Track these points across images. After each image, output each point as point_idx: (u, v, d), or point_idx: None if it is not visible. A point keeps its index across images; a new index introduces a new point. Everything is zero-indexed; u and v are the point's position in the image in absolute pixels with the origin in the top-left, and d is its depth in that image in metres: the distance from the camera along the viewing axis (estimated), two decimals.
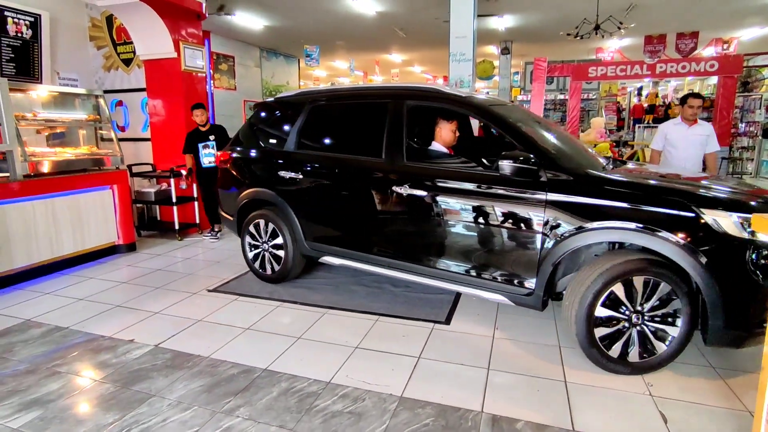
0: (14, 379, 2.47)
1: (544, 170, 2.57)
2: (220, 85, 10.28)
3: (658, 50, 9.42)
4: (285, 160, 3.63)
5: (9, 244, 3.83)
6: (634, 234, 2.34)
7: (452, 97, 3.08)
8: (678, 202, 2.30)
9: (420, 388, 2.34)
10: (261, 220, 3.77)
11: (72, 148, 4.97)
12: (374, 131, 3.23)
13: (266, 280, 3.90)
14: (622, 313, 2.41)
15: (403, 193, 2.99)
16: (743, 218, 2.20)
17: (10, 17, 5.39)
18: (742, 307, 2.21)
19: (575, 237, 2.46)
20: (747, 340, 2.26)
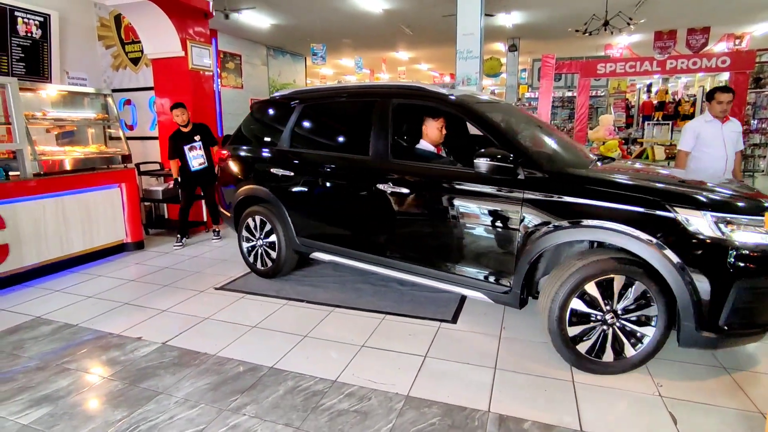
0: (25, 376, 2.49)
1: (522, 168, 2.57)
2: (227, 83, 10.32)
3: (668, 46, 9.30)
4: (278, 157, 3.71)
5: (20, 242, 3.88)
6: (606, 232, 2.32)
7: (434, 95, 3.07)
8: (652, 201, 2.26)
9: (426, 387, 2.33)
10: (256, 216, 3.86)
11: (81, 147, 5.02)
12: (361, 129, 3.30)
13: (260, 275, 4.00)
14: (595, 313, 2.39)
15: (387, 190, 3.03)
16: (718, 218, 2.16)
17: (20, 17, 5.45)
18: (714, 309, 2.16)
19: (550, 235, 2.46)
20: (720, 342, 2.22)
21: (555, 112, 11.62)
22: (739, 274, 2.12)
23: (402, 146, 3.28)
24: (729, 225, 2.15)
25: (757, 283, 2.15)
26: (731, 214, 2.17)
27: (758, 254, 2.14)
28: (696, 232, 2.15)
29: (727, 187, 2.59)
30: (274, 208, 3.72)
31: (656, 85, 14.63)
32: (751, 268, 2.13)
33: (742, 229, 2.15)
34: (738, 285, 2.12)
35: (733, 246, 2.13)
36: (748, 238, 2.14)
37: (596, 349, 2.41)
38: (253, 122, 4.17)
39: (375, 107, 3.22)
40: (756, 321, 2.23)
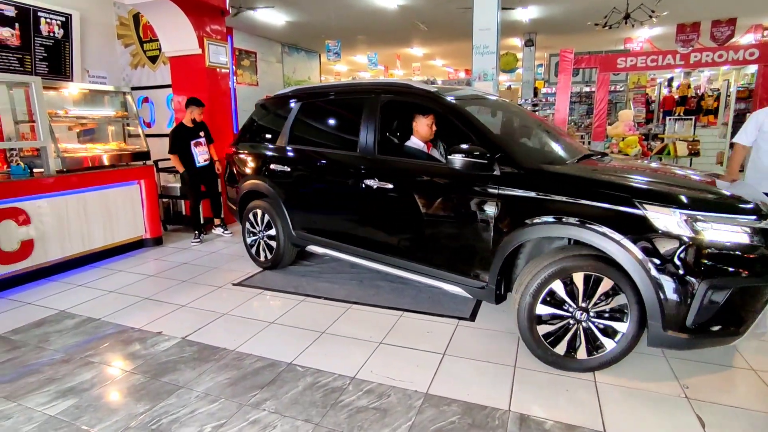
0: (51, 368, 2.55)
1: (498, 164, 2.57)
2: (242, 80, 10.41)
3: (691, 39, 9.05)
4: (277, 154, 3.87)
5: (44, 237, 3.97)
6: (575, 229, 2.29)
7: (419, 92, 3.13)
8: (621, 198, 2.22)
9: (445, 385, 2.31)
10: (257, 210, 4.04)
11: (101, 144, 5.10)
12: (351, 126, 3.39)
13: (261, 266, 4.18)
14: (565, 310, 2.37)
15: (373, 186, 3.10)
16: (688, 215, 2.10)
17: (43, 17, 5.56)
18: (681, 309, 2.10)
19: (521, 231, 2.47)
20: (688, 343, 2.16)
21: (573, 108, 11.41)
22: (707, 274, 2.06)
23: (390, 143, 3.33)
24: (699, 223, 2.09)
25: (727, 283, 2.09)
26: (701, 212, 2.11)
27: (728, 253, 2.08)
28: (664, 230, 2.10)
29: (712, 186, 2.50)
30: (274, 202, 3.88)
31: (678, 80, 14.28)
32: (721, 268, 2.08)
33: (712, 228, 2.09)
34: (706, 284, 2.06)
35: (703, 244, 2.07)
36: (718, 236, 2.08)
37: (565, 346, 2.39)
38: (256, 120, 4.31)
39: (364, 105, 3.30)
40: (727, 322, 2.15)
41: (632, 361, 2.53)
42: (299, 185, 3.71)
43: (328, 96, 3.75)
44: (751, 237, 2.10)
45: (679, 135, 7.59)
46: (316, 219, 3.68)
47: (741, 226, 2.11)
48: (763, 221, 2.14)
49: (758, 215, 2.15)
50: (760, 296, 2.17)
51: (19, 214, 3.77)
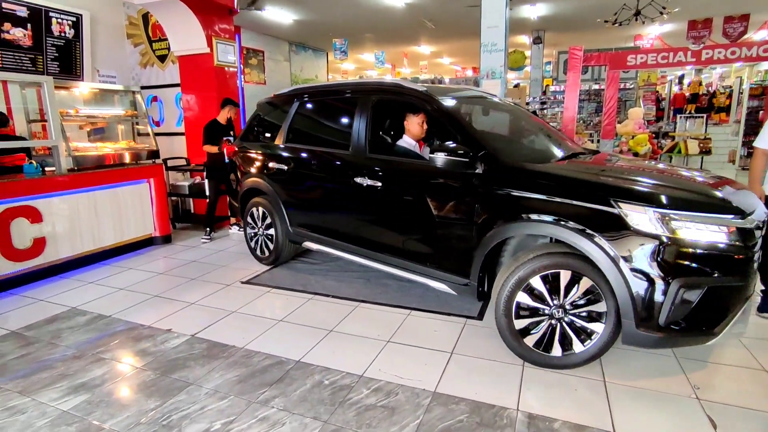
0: (63, 364, 2.59)
1: (481, 163, 2.59)
2: (250, 79, 10.45)
3: (702, 36, 8.93)
4: (275, 152, 3.97)
5: (55, 235, 4.02)
6: (552, 227, 2.31)
7: (408, 91, 3.16)
8: (597, 196, 2.23)
9: (453, 384, 2.31)
10: (257, 207, 4.15)
11: (111, 143, 5.15)
12: (345, 125, 3.45)
13: (261, 262, 4.29)
14: (542, 307, 2.38)
15: (363, 184, 3.16)
16: (661, 214, 2.08)
17: (55, 18, 5.62)
18: (654, 307, 2.09)
19: (501, 229, 2.50)
20: (661, 342, 2.15)
21: (581, 106, 11.31)
22: (680, 272, 2.05)
23: (381, 141, 3.37)
24: (672, 221, 2.08)
25: (700, 282, 2.07)
26: (676, 211, 2.10)
27: (702, 252, 2.07)
28: (638, 229, 2.10)
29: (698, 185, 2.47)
30: (272, 199, 3.98)
31: (689, 77, 14.10)
32: (694, 267, 2.07)
33: (687, 227, 2.08)
34: (678, 283, 2.05)
35: (676, 243, 2.06)
36: (693, 235, 2.07)
37: (543, 342, 2.40)
38: (257, 119, 4.39)
39: (356, 104, 3.35)
40: (701, 321, 2.13)
41: (642, 360, 2.51)
42: (295, 183, 3.79)
43: (323, 96, 3.86)
44: (729, 236, 2.10)
45: (690, 133, 7.51)
46: (311, 216, 3.76)
47: (718, 225, 2.10)
48: (742, 220, 2.13)
49: (737, 214, 2.13)
50: (737, 296, 2.15)
51: (31, 212, 3.83)
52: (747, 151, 7.45)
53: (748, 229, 2.14)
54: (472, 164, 2.60)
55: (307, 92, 3.95)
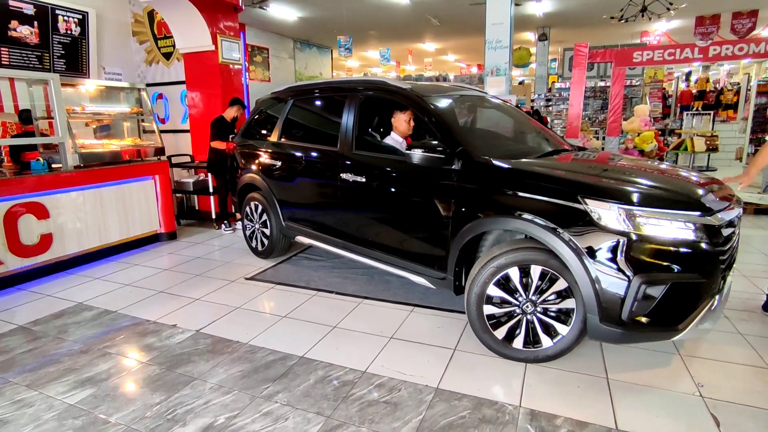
0: (70, 358, 2.62)
1: (458, 159, 2.63)
2: (254, 76, 10.47)
3: (710, 32, 8.85)
4: (270, 149, 4.07)
5: (62, 231, 4.06)
6: (521, 222, 2.34)
7: (391, 88, 3.21)
8: (563, 191, 2.26)
9: (456, 380, 2.31)
10: (253, 202, 4.28)
11: (117, 140, 5.19)
12: (334, 122, 3.51)
13: (257, 255, 4.42)
14: (512, 302, 2.42)
15: (349, 179, 3.24)
16: (627, 210, 2.10)
17: (61, 15, 5.65)
18: (616, 303, 2.11)
19: (474, 224, 2.54)
20: (624, 337, 2.16)
21: (587, 103, 11.25)
22: (642, 268, 2.06)
23: (367, 138, 3.41)
24: (637, 218, 2.09)
25: (663, 278, 2.07)
26: (640, 207, 2.11)
27: (665, 248, 2.08)
28: (603, 224, 2.12)
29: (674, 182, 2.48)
30: (267, 194, 4.08)
31: (696, 74, 13.98)
32: (657, 263, 2.07)
33: (651, 223, 2.09)
34: (640, 279, 2.06)
35: (639, 239, 2.08)
36: (657, 231, 2.09)
37: (513, 336, 2.44)
38: (255, 116, 4.48)
39: (344, 102, 3.42)
40: (662, 317, 2.13)
41: (645, 358, 2.51)
42: (287, 179, 3.89)
43: (315, 94, 3.94)
44: (694, 233, 2.10)
45: (696, 130, 7.44)
46: (302, 211, 3.86)
47: (683, 221, 2.10)
48: (708, 217, 2.14)
49: (703, 211, 2.14)
50: (701, 292, 2.15)
51: (38, 208, 3.87)
52: (754, 148, 7.37)
53: (714, 226, 2.14)
54: (449, 160, 2.65)
55: (300, 90, 4.04)
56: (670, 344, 2.63)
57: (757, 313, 3.01)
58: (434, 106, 3.00)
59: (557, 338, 2.37)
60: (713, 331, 2.78)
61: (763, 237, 4.79)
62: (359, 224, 3.35)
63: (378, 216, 3.22)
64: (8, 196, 3.67)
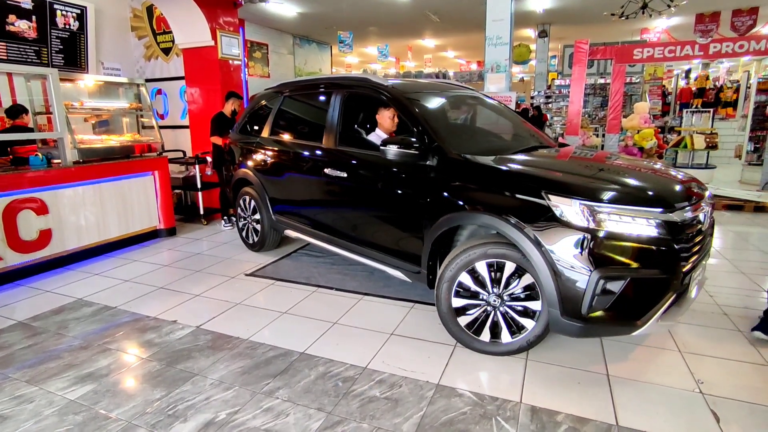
0: (70, 354, 2.61)
1: (432, 155, 2.68)
2: (254, 72, 10.43)
3: (710, 29, 8.83)
4: (261, 144, 4.14)
5: (62, 227, 4.04)
6: (487, 217, 2.39)
7: (373, 85, 3.25)
8: (527, 187, 2.31)
9: (457, 376, 2.32)
10: (245, 196, 4.36)
11: (116, 136, 5.16)
12: (320, 119, 3.56)
13: (249, 248, 4.52)
14: (480, 295, 2.47)
15: (332, 175, 3.31)
16: (588, 206, 2.13)
17: (59, 10, 5.61)
18: (577, 297, 2.13)
19: (444, 219, 2.58)
20: (585, 331, 2.18)
21: (587, 100, 11.25)
22: (600, 263, 2.09)
23: (352, 134, 3.48)
24: (598, 213, 2.12)
25: (622, 273, 2.10)
26: (600, 203, 2.14)
27: (625, 244, 2.10)
28: (565, 220, 2.15)
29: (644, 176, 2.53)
30: (258, 189, 4.16)
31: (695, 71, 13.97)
32: (617, 258, 2.10)
33: (611, 218, 2.12)
34: (598, 273, 2.08)
35: (599, 234, 2.10)
36: (617, 227, 2.11)
37: (481, 329, 2.49)
38: (250, 112, 4.53)
39: (330, 98, 3.49)
40: (622, 312, 2.16)
41: (646, 354, 2.51)
42: (277, 174, 3.97)
43: (302, 91, 4.02)
44: (655, 229, 2.13)
45: (696, 128, 7.44)
46: (289, 205, 3.94)
47: (644, 218, 2.13)
48: (670, 214, 2.16)
49: (665, 208, 2.17)
50: (662, 288, 2.17)
51: (37, 204, 3.85)
52: (754, 146, 7.38)
53: (677, 223, 2.16)
54: (424, 156, 2.70)
55: (290, 87, 4.10)
56: (670, 341, 2.64)
57: (757, 310, 3.02)
58: (412, 103, 3.04)
59: (524, 332, 2.41)
60: (712, 328, 2.79)
61: (762, 234, 4.80)
62: (342, 219, 3.42)
63: (358, 210, 3.30)
64: (7, 192, 3.66)
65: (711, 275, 3.69)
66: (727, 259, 4.11)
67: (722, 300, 3.21)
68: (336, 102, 3.43)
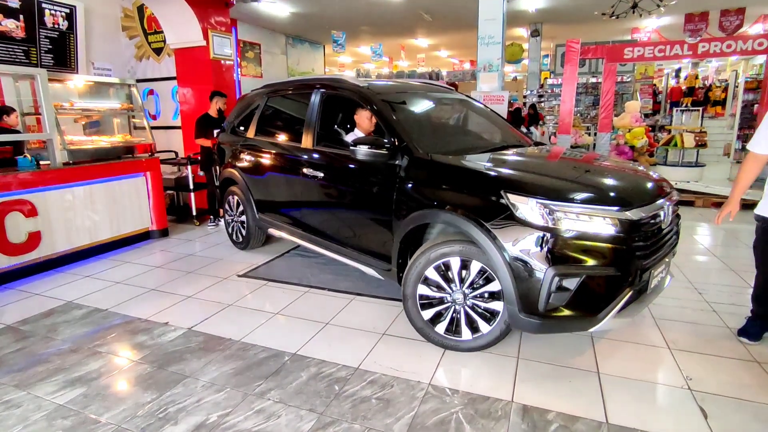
0: (59, 358, 2.59)
1: (401, 154, 2.74)
2: (246, 72, 10.38)
3: (699, 29, 8.91)
4: (246, 144, 4.21)
5: (51, 229, 4.00)
6: (449, 215, 2.44)
7: (347, 86, 3.32)
8: (487, 186, 2.37)
9: (448, 376, 2.33)
10: (231, 196, 4.46)
11: (107, 137, 5.12)
12: (299, 119, 3.63)
13: (235, 245, 4.60)
14: (443, 290, 2.51)
15: (309, 174, 3.38)
16: (542, 204, 2.16)
17: (48, 9, 5.56)
18: (532, 294, 2.17)
19: (410, 217, 2.63)
20: (541, 327, 2.22)
21: (579, 99, 11.31)
22: (555, 261, 2.13)
23: (328, 134, 3.54)
24: (554, 212, 2.16)
25: (577, 271, 2.13)
26: (555, 201, 2.18)
27: (581, 242, 2.13)
28: (522, 218, 2.19)
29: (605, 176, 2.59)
30: (243, 188, 4.23)
31: (685, 70, 14.09)
32: (573, 256, 2.13)
33: (566, 216, 2.15)
34: (553, 271, 2.12)
35: (556, 232, 2.14)
36: (571, 225, 2.14)
37: (445, 326, 2.53)
38: (237, 112, 4.59)
39: (309, 99, 3.54)
40: (579, 309, 2.19)
41: (636, 352, 2.54)
42: (259, 173, 4.02)
43: (284, 92, 4.08)
44: (610, 227, 2.16)
45: (686, 126, 7.51)
46: (271, 204, 4.00)
47: (600, 216, 2.16)
48: (626, 212, 2.19)
49: (621, 206, 2.20)
50: (618, 285, 2.19)
51: (26, 206, 3.81)
52: (742, 144, 7.47)
53: (633, 221, 2.20)
54: (393, 156, 2.75)
55: (273, 88, 4.16)
56: (660, 338, 2.67)
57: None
58: (383, 103, 3.07)
59: (488, 329, 2.43)
60: (701, 325, 2.82)
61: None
62: (320, 218, 3.49)
63: (332, 209, 3.36)
64: None
65: (701, 273, 3.74)
66: (716, 256, 4.16)
67: (711, 297, 3.24)
68: (314, 103, 3.49)
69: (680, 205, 2.79)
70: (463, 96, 3.98)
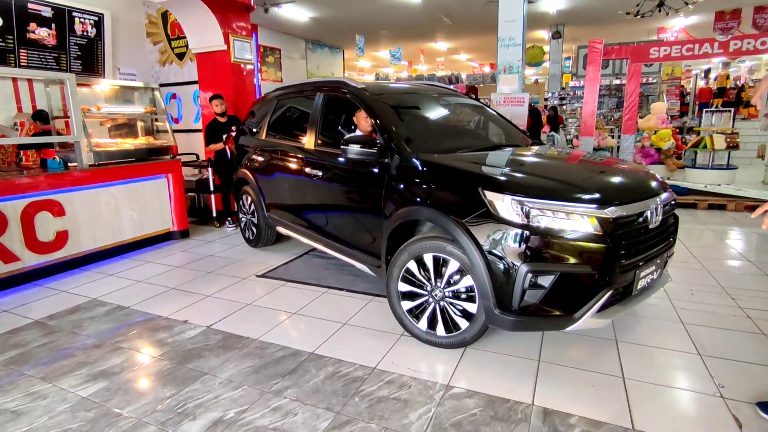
0: (83, 352, 2.64)
1: (391, 154, 2.78)
2: (267, 77, 10.54)
3: (730, 27, 8.62)
4: (257, 146, 4.37)
5: (77, 228, 4.12)
6: (431, 212, 2.47)
7: (346, 87, 3.37)
8: (468, 184, 2.39)
9: (467, 378, 2.28)
10: (244, 195, 4.63)
11: (131, 139, 5.25)
12: (304, 120, 3.75)
13: (247, 243, 4.78)
14: (423, 285, 2.54)
15: (311, 173, 3.48)
16: (518, 201, 2.16)
17: (77, 17, 5.76)
18: (507, 291, 2.16)
19: (397, 214, 2.67)
20: (517, 324, 2.22)
21: (602, 101, 11.08)
22: (529, 258, 2.11)
23: (329, 135, 3.60)
24: (530, 209, 2.14)
25: (551, 268, 2.11)
26: (531, 199, 2.16)
27: (557, 239, 2.11)
28: (499, 215, 2.20)
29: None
30: (254, 188, 4.38)
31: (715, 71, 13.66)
32: (548, 253, 2.12)
33: (542, 214, 2.14)
34: (527, 268, 2.10)
35: (531, 229, 2.13)
36: (546, 222, 2.13)
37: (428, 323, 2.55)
38: (251, 115, 4.74)
39: (312, 101, 3.65)
40: (554, 307, 2.14)
41: (664, 358, 2.44)
42: (269, 173, 4.15)
43: (293, 94, 4.20)
44: (588, 225, 2.12)
45: (716, 128, 7.25)
46: (279, 203, 4.11)
47: (576, 213, 2.13)
48: (604, 210, 2.14)
49: (599, 204, 2.16)
50: (595, 284, 2.13)
51: (54, 206, 3.93)
52: None
53: (612, 220, 2.14)
54: (384, 154, 2.80)
55: (283, 91, 4.32)
56: (689, 344, 2.56)
57: None
58: (376, 103, 3.12)
59: (467, 324, 2.42)
60: (734, 331, 2.70)
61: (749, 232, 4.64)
62: (318, 216, 3.60)
63: (330, 208, 3.45)
64: (25, 194, 3.74)
65: (734, 277, 3.58)
66: (750, 261, 3.98)
67: (745, 303, 3.10)
68: (317, 104, 3.59)
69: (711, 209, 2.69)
70: (463, 96, 4.00)
